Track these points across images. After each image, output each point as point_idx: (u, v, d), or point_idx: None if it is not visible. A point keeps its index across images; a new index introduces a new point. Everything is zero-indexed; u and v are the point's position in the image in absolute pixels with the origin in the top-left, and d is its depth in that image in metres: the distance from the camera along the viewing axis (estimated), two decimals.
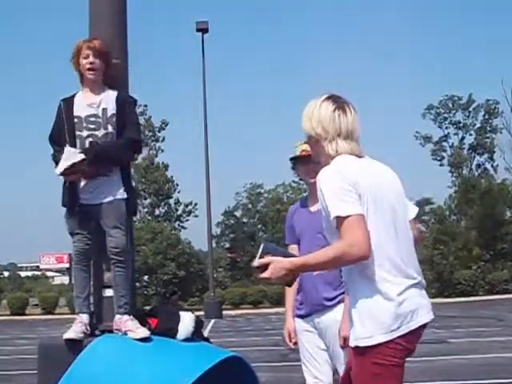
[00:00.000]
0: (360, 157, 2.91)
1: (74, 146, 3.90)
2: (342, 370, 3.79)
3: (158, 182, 42.96)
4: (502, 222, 39.32)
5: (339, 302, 3.76)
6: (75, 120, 3.94)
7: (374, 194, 2.79)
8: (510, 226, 39.28)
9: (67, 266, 51.43)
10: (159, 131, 44.07)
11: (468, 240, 38.29)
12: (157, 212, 44.23)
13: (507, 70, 70.59)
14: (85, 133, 3.94)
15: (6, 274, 68.52)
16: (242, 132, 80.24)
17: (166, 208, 44.49)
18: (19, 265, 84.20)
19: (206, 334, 4.16)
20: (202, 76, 29.99)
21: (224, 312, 28.25)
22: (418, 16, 74.64)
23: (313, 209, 3.97)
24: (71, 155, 3.83)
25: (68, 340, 3.75)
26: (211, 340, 4.02)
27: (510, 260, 37.77)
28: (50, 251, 53.24)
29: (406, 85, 71.00)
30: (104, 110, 3.96)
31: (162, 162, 43.83)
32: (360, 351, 2.75)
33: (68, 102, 4.02)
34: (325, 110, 2.89)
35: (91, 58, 3.98)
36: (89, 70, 3.99)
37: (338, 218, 2.72)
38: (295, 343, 4.01)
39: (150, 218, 43.28)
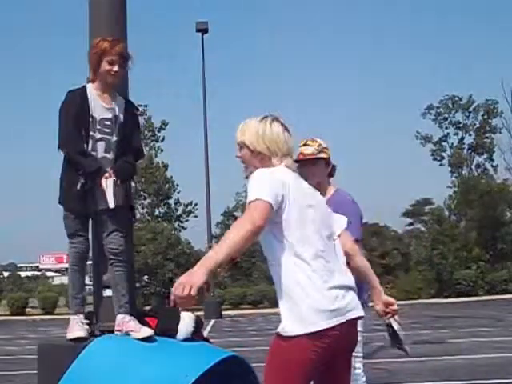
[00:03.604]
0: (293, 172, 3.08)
1: (86, 145, 3.80)
2: None
3: (158, 182, 42.87)
4: (501, 222, 39.33)
5: None
6: (90, 119, 3.80)
7: (299, 198, 2.91)
8: (510, 226, 39.30)
9: (66, 266, 51.19)
10: (159, 131, 43.96)
11: (468, 240, 38.28)
12: (157, 212, 44.13)
13: (507, 70, 70.61)
14: (98, 135, 3.83)
15: (5, 274, 68.41)
16: None
17: (165, 208, 44.39)
18: (19, 265, 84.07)
19: (205, 334, 4.16)
20: (201, 76, 30.05)
21: (224, 312, 28.26)
22: (418, 16, 74.69)
23: None
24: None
25: (74, 339, 3.71)
26: (211, 340, 4.02)
27: (509, 260, 37.77)
28: (49, 251, 53.31)
29: (406, 85, 71.10)
30: (116, 117, 3.90)
31: (162, 162, 43.74)
32: (277, 339, 2.82)
33: (82, 97, 3.81)
34: (276, 130, 3.06)
35: (116, 67, 3.83)
36: (111, 75, 3.84)
37: (249, 202, 2.79)
38: None
39: (149, 218, 43.23)
